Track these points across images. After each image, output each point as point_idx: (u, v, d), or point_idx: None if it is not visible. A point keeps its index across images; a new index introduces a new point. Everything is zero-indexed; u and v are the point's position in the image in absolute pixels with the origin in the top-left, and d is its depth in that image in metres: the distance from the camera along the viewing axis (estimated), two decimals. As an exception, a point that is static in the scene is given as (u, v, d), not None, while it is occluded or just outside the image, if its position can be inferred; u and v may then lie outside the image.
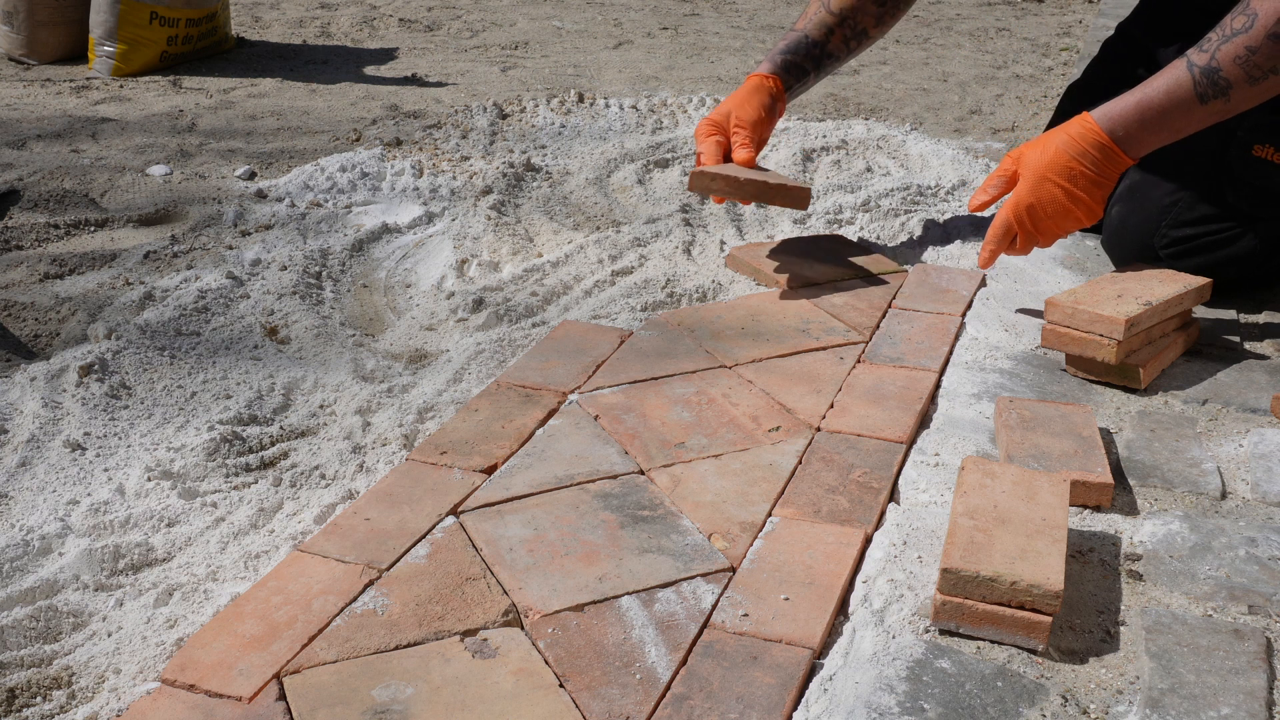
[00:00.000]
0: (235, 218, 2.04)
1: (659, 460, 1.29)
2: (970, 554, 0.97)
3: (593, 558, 1.11)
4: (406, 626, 1.02)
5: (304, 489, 1.30)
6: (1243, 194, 1.64)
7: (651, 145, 2.46)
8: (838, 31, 1.86)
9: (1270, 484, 1.21)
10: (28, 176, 2.17)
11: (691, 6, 4.31)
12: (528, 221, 2.06)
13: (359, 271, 1.89)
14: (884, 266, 1.83)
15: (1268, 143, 1.62)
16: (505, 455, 1.29)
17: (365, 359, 1.60)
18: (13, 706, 0.98)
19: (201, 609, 1.09)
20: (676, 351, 1.54)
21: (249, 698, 0.93)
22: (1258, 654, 0.95)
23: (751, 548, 1.13)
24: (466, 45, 3.58)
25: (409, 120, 2.64)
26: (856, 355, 1.53)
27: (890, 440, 1.32)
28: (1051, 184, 1.53)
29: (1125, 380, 1.41)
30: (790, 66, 1.87)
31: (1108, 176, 1.52)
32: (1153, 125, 1.50)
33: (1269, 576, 1.06)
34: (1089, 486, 1.16)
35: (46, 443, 1.37)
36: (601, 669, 0.97)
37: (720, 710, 0.93)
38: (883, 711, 0.88)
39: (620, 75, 3.16)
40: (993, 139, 2.63)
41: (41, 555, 1.17)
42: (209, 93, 2.89)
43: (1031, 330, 1.57)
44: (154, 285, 1.77)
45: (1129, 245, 1.71)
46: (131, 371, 1.52)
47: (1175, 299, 1.46)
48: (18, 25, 3.07)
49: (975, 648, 0.96)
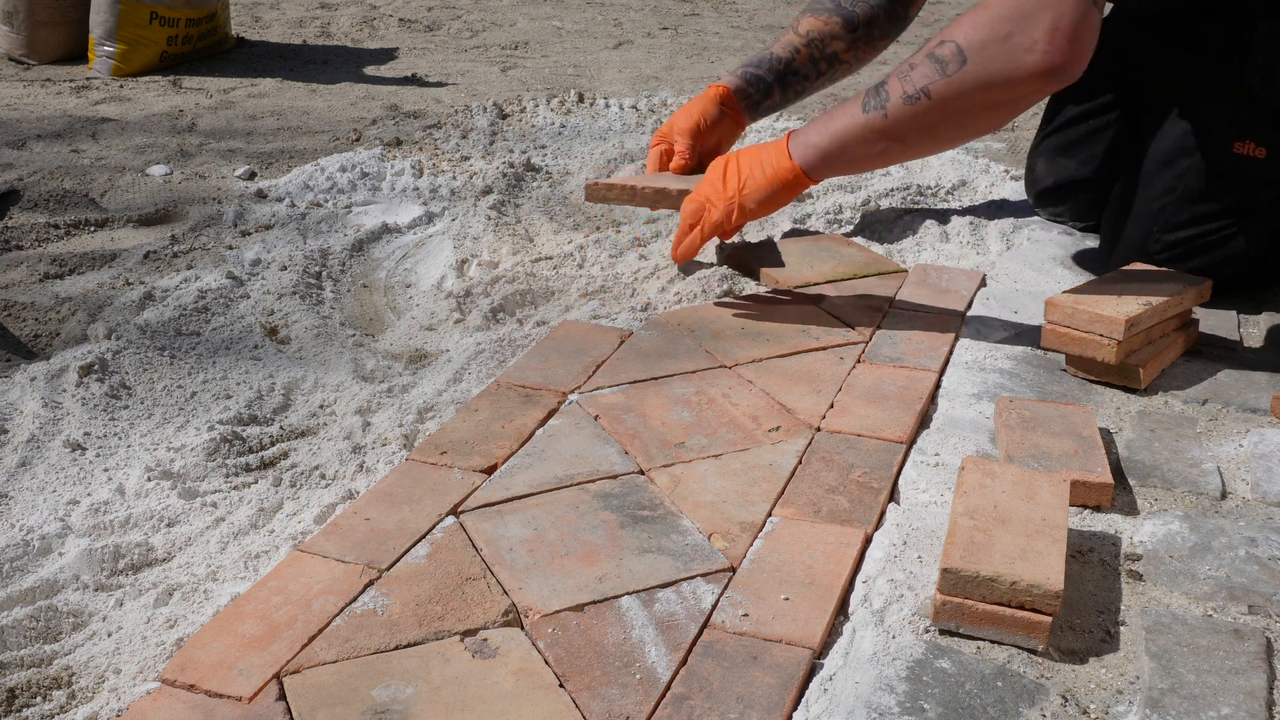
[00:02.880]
0: (235, 218, 2.04)
1: (659, 460, 1.29)
2: (970, 554, 0.97)
3: (593, 558, 1.11)
4: (406, 626, 1.02)
5: (304, 489, 1.30)
6: (1230, 192, 1.64)
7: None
8: (804, 51, 1.86)
9: (1270, 484, 1.21)
10: (28, 176, 2.17)
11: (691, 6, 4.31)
12: (528, 221, 2.06)
13: (359, 271, 1.89)
14: (884, 266, 1.83)
15: (1247, 138, 1.62)
16: (505, 455, 1.29)
17: (365, 359, 1.60)
18: (13, 706, 0.98)
19: (201, 609, 1.09)
20: (676, 351, 1.54)
21: (249, 698, 0.93)
22: (1258, 654, 0.95)
23: (751, 548, 1.13)
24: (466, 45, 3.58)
25: (409, 120, 2.64)
26: (856, 355, 1.53)
27: (890, 440, 1.32)
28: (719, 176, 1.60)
29: (1125, 380, 1.41)
30: (751, 79, 1.88)
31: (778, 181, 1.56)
32: (824, 132, 1.50)
33: (1269, 576, 1.06)
34: (1089, 486, 1.16)
35: (46, 443, 1.37)
36: (601, 669, 0.97)
37: (720, 710, 0.93)
38: (883, 711, 0.88)
39: (620, 75, 3.16)
40: (992, 139, 2.63)
41: (41, 555, 1.17)
42: (209, 93, 2.89)
43: (1031, 330, 1.57)
44: (154, 285, 1.77)
45: (1124, 252, 1.71)
46: (131, 371, 1.52)
47: (1175, 299, 1.46)
48: (18, 25, 3.07)
49: (975, 648, 0.96)
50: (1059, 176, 1.94)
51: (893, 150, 1.48)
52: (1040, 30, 1.32)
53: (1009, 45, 1.34)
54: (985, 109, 1.40)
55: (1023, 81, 1.35)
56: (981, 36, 1.36)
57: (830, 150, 1.50)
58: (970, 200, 2.20)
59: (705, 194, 1.61)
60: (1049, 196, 1.98)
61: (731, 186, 1.58)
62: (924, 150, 1.50)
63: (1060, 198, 1.96)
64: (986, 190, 2.24)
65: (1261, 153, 1.61)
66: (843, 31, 1.85)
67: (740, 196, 1.57)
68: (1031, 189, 2.02)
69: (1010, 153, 2.51)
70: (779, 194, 1.56)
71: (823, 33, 1.85)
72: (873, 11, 1.85)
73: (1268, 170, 1.62)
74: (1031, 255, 1.86)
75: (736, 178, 1.58)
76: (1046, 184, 1.97)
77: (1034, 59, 1.33)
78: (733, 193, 1.57)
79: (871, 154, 1.49)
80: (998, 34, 1.34)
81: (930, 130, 1.43)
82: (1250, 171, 1.62)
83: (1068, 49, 1.32)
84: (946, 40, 1.39)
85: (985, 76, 1.36)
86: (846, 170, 1.55)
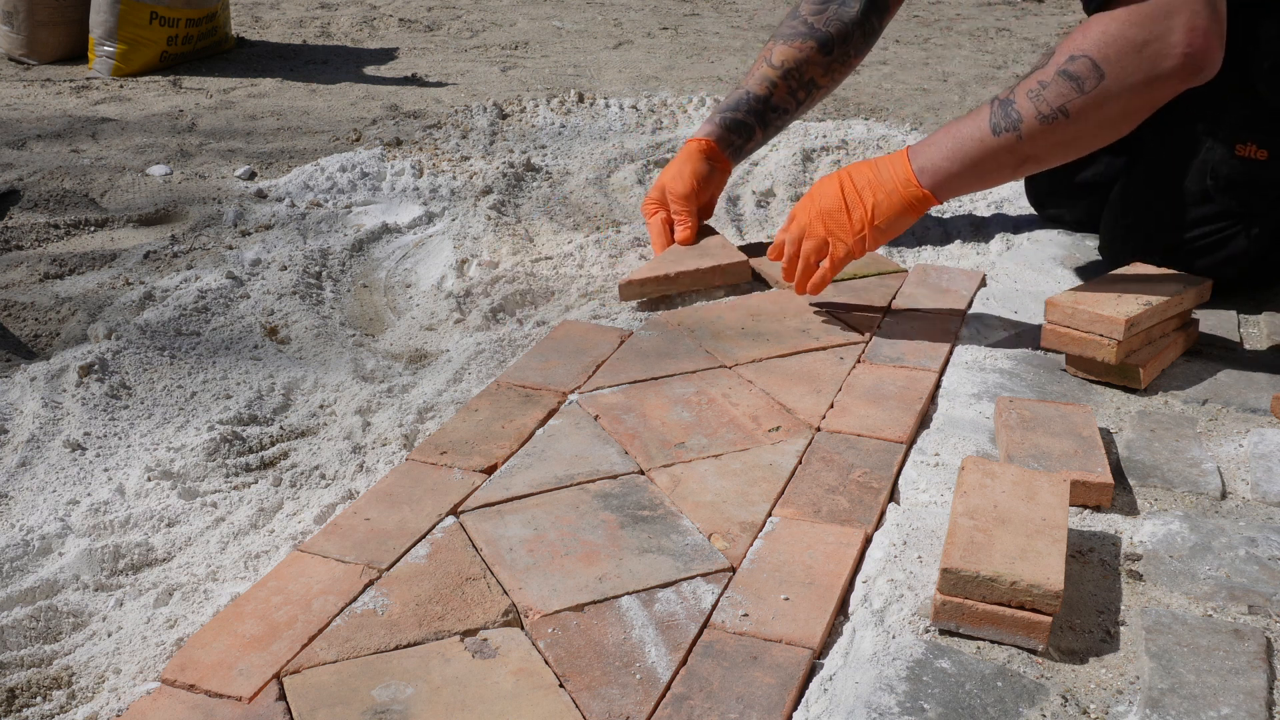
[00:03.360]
0: (235, 218, 2.04)
1: (659, 460, 1.29)
2: (970, 554, 0.97)
3: (593, 558, 1.11)
4: (406, 626, 1.02)
5: (304, 489, 1.30)
6: (1231, 194, 1.64)
7: (651, 145, 2.46)
8: (781, 85, 1.82)
9: (1270, 484, 1.21)
10: (28, 176, 2.17)
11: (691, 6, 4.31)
12: (528, 221, 2.06)
13: (359, 271, 1.89)
14: (884, 266, 1.83)
15: (1249, 140, 1.62)
16: (505, 455, 1.29)
17: (365, 359, 1.60)
18: (13, 706, 0.98)
19: (201, 609, 1.09)
20: (676, 351, 1.54)
21: (249, 698, 0.93)
22: (1258, 654, 0.95)
23: (751, 548, 1.13)
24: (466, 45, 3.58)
25: (409, 120, 2.64)
26: (856, 355, 1.53)
27: (890, 440, 1.32)
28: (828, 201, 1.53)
29: (1125, 380, 1.41)
30: (731, 124, 1.85)
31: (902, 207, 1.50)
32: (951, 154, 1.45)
33: (1269, 576, 1.06)
34: (1089, 486, 1.16)
35: (46, 443, 1.37)
36: (601, 669, 0.97)
37: (720, 710, 0.93)
38: (883, 711, 0.88)
39: (620, 75, 3.16)
40: (993, 139, 2.63)
41: (41, 555, 1.17)
42: (209, 93, 2.89)
43: (1032, 330, 1.57)
44: (154, 285, 1.77)
45: (1124, 252, 1.71)
46: (131, 371, 1.52)
47: (1175, 299, 1.46)
48: (18, 25, 3.07)
49: (975, 648, 0.96)
50: (1058, 180, 1.94)
51: (1026, 166, 1.45)
52: (1178, 32, 1.29)
53: (1147, 52, 1.31)
54: (1124, 116, 1.37)
55: (1163, 84, 1.33)
56: (1117, 48, 1.32)
57: (960, 173, 1.46)
58: (970, 200, 2.20)
59: (826, 226, 1.52)
60: (1049, 199, 1.98)
61: (858, 215, 1.50)
62: (1058, 161, 1.46)
63: (1060, 200, 1.96)
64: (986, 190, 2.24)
65: (1263, 155, 1.61)
66: (818, 56, 1.82)
67: (870, 227, 1.50)
68: (1031, 193, 2.02)
69: (1010, 153, 2.51)
70: (907, 218, 1.50)
71: (798, 60, 1.82)
72: (846, 29, 1.82)
73: (1269, 172, 1.62)
74: (1031, 255, 1.86)
75: (861, 205, 1.50)
76: (1046, 188, 1.97)
77: (1173, 62, 1.30)
78: (861, 223, 1.50)
79: (1003, 172, 1.45)
80: (1133, 42, 1.31)
81: (1068, 144, 1.41)
82: (1251, 173, 1.62)
83: (1204, 44, 1.30)
84: (1077, 55, 1.35)
85: (1125, 87, 1.33)
86: (975, 189, 1.51)
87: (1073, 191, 1.94)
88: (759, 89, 1.84)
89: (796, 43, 1.82)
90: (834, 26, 1.81)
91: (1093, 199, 1.90)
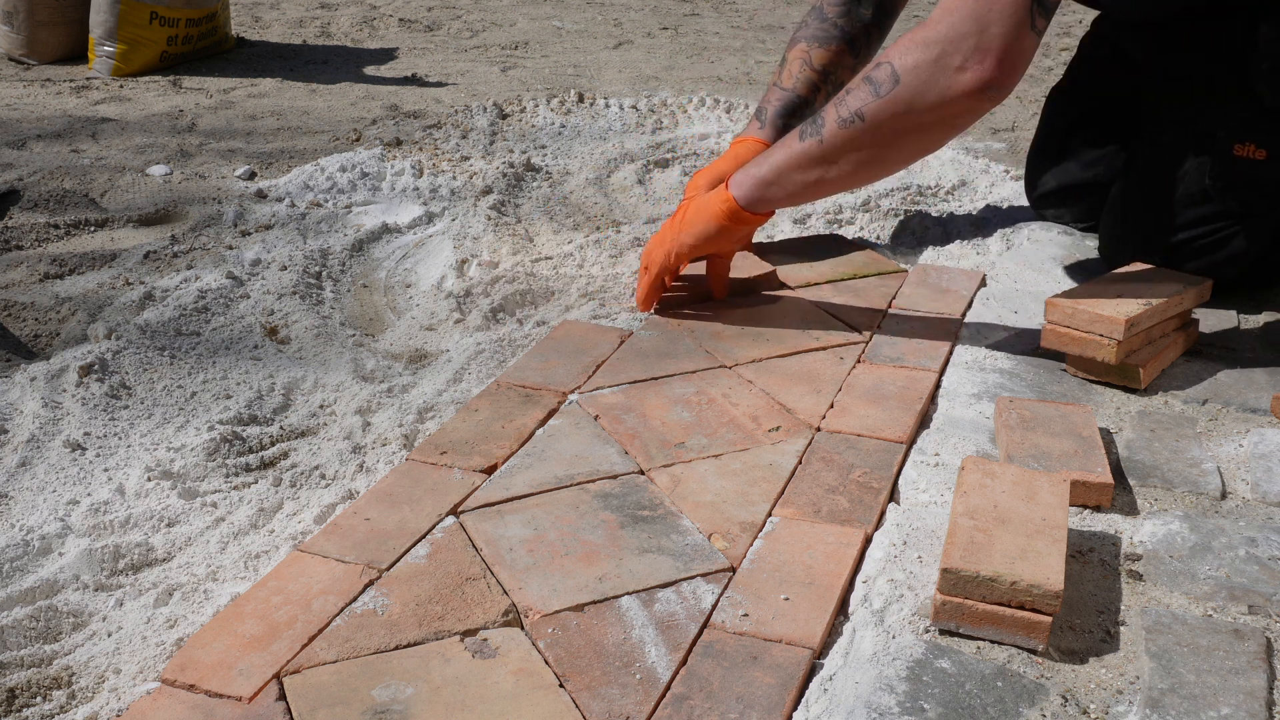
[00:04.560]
0: (235, 218, 2.04)
1: (659, 460, 1.29)
2: (970, 554, 0.97)
3: (593, 558, 1.11)
4: (406, 626, 1.02)
5: (304, 489, 1.30)
6: (1230, 194, 1.64)
7: (651, 145, 2.46)
8: (823, 89, 1.83)
9: (1270, 484, 1.21)
10: (28, 176, 2.17)
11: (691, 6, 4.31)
12: (528, 221, 2.06)
13: (359, 271, 1.89)
14: (884, 266, 1.83)
15: (1248, 140, 1.62)
16: (505, 455, 1.29)
17: (365, 359, 1.60)
18: (13, 706, 0.98)
19: (201, 609, 1.10)
20: (676, 351, 1.54)
21: (249, 698, 0.93)
22: (1258, 654, 0.95)
23: (751, 548, 1.13)
24: (466, 45, 3.58)
25: (409, 120, 2.64)
26: (856, 355, 1.53)
27: (890, 440, 1.32)
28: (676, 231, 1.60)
29: (1125, 380, 1.41)
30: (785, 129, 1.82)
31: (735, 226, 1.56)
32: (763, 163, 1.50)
33: (1269, 576, 1.06)
34: (1089, 486, 1.16)
35: (46, 443, 1.37)
36: (601, 669, 0.97)
37: (720, 710, 0.93)
38: (883, 711, 0.88)
39: (620, 75, 3.16)
40: (992, 139, 2.63)
41: (41, 555, 1.17)
42: (209, 93, 2.89)
43: (1031, 330, 1.57)
44: (154, 285, 1.77)
45: (1124, 252, 1.71)
46: (131, 371, 1.52)
47: (1175, 299, 1.46)
48: (18, 25, 3.07)
49: (975, 648, 0.96)
50: (1059, 180, 1.94)
51: (828, 178, 1.47)
52: (970, 50, 1.32)
53: (940, 65, 1.34)
54: (919, 130, 1.39)
55: (954, 101, 1.35)
56: (915, 57, 1.36)
57: (769, 181, 1.50)
58: (970, 200, 2.20)
59: (654, 240, 1.63)
60: (1049, 200, 1.98)
61: (673, 229, 1.59)
62: (859, 178, 1.48)
63: (1060, 201, 1.96)
64: (986, 190, 2.25)
65: (1262, 155, 1.61)
66: (849, 59, 1.83)
67: (677, 241, 1.58)
68: (1031, 193, 2.01)
69: (1010, 153, 2.51)
70: (718, 231, 1.56)
71: (835, 64, 1.82)
72: (867, 31, 1.83)
73: (1268, 172, 1.62)
74: (1031, 255, 1.86)
75: (679, 220, 1.59)
76: (1046, 188, 1.97)
77: (965, 78, 1.33)
78: (671, 236, 1.59)
79: (808, 183, 1.48)
80: (930, 54, 1.35)
81: (865, 155, 1.43)
82: (1250, 173, 1.62)
83: (996, 69, 1.32)
84: (882, 63, 1.39)
85: (917, 96, 1.36)
86: (786, 202, 1.54)
87: (1073, 191, 1.94)
88: (806, 92, 1.83)
89: (832, 46, 1.82)
90: (858, 28, 1.82)
91: (1093, 199, 1.90)
